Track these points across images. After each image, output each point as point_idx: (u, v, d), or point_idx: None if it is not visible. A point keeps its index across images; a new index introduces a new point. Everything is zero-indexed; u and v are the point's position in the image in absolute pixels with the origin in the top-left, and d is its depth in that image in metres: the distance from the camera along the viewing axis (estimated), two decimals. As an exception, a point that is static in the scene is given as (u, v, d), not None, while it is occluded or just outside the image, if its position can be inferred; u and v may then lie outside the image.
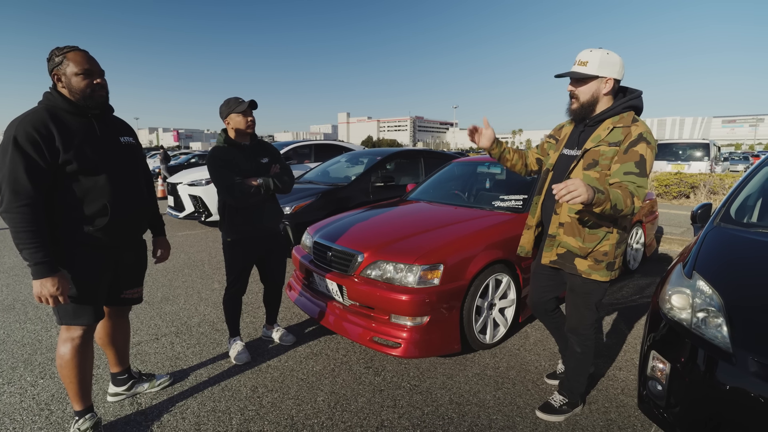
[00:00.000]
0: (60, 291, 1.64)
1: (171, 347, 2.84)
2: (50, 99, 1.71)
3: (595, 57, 1.76)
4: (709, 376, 1.58)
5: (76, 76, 1.69)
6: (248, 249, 2.58)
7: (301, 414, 2.12)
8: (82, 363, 1.84)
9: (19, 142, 1.57)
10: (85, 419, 1.88)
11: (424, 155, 6.31)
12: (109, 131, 1.86)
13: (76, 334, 1.80)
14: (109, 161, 1.80)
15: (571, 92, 1.85)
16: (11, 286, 4.11)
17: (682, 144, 12.29)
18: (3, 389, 2.33)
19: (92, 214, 1.74)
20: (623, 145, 1.76)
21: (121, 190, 1.83)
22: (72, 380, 1.83)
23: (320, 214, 4.55)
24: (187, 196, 6.91)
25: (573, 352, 2.04)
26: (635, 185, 1.70)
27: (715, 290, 1.75)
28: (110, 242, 1.84)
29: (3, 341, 2.92)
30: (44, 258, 1.60)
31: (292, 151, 8.40)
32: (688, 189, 9.28)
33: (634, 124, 1.78)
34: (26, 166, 1.57)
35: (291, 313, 3.42)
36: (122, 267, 1.97)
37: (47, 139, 1.61)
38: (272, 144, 3.11)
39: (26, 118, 1.62)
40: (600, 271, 1.87)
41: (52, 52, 1.71)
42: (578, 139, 1.91)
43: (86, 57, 1.73)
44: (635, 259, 4.49)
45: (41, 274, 1.61)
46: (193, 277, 4.43)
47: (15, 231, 1.58)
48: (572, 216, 1.86)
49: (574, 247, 1.88)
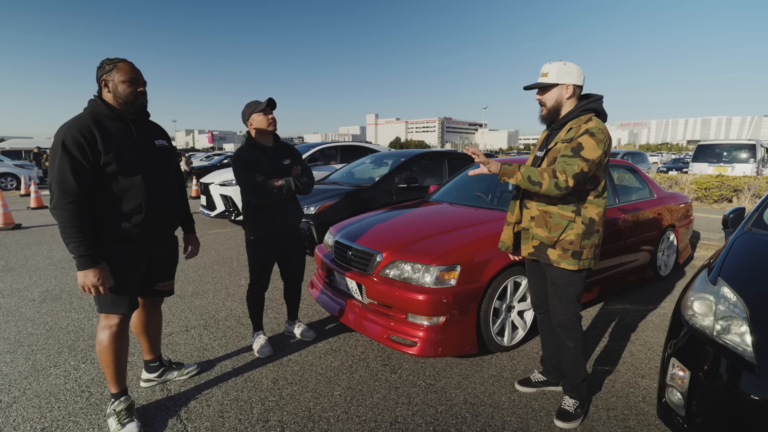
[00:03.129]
0: (101, 281, 1.80)
1: (199, 339, 2.99)
2: (94, 106, 1.88)
3: (554, 68, 1.97)
4: (731, 387, 1.53)
5: (122, 84, 1.87)
6: (269, 247, 2.68)
7: (318, 407, 2.19)
8: (118, 349, 1.99)
9: (66, 146, 1.73)
10: (120, 401, 2.03)
11: (448, 156, 6.30)
12: (146, 135, 2.01)
13: (113, 321, 1.96)
14: (145, 163, 1.94)
15: (539, 101, 2.05)
16: (59, 278, 4.43)
17: (725, 145, 11.64)
18: (50, 371, 2.54)
19: (129, 211, 1.88)
20: (573, 141, 1.93)
21: (155, 189, 1.97)
22: (109, 364, 1.98)
23: (344, 215, 4.64)
24: (219, 195, 7.20)
25: (566, 348, 2.09)
26: (564, 163, 1.86)
27: (740, 297, 1.69)
28: (144, 238, 1.97)
29: (51, 328, 3.17)
30: (87, 251, 1.76)
31: (319, 153, 8.57)
32: (731, 192, 8.79)
33: (587, 123, 1.93)
34: (72, 167, 1.73)
35: (312, 310, 3.52)
36: (155, 261, 2.12)
37: (91, 143, 1.77)
38: (300, 145, 3.21)
39: (73, 123, 1.79)
40: (567, 259, 1.97)
41: (103, 62, 1.90)
42: (546, 141, 2.10)
43: (133, 68, 1.91)
44: (666, 264, 4.33)
45: (84, 266, 1.77)
46: (221, 273, 4.63)
47: (62, 226, 1.74)
48: (540, 209, 2.03)
49: (542, 238, 2.03)
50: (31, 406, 2.19)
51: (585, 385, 2.11)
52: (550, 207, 2.00)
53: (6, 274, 4.56)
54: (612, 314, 3.44)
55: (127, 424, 1.96)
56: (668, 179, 9.94)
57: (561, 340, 2.11)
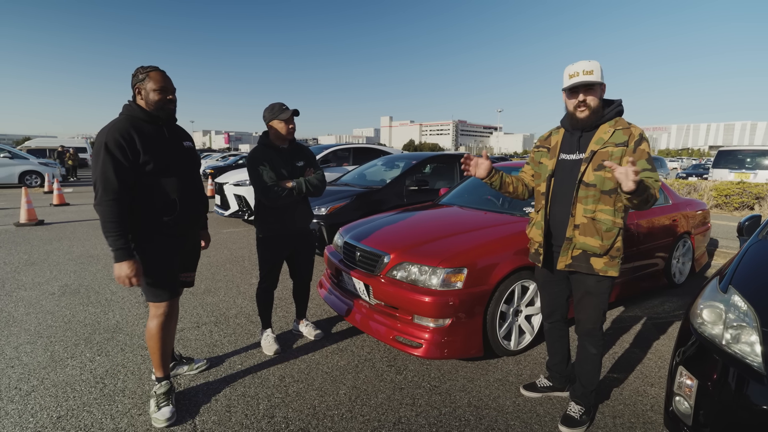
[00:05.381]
0: (134, 273, 1.93)
1: (210, 335, 3.06)
2: (130, 110, 2.01)
3: (596, 65, 1.88)
4: (740, 397, 1.50)
5: (153, 92, 2.00)
6: (278, 246, 2.73)
7: (323, 405, 2.22)
8: (165, 336, 2.13)
9: (109, 147, 1.86)
10: (161, 385, 2.17)
11: (459, 159, 6.29)
12: (175, 136, 2.16)
13: (160, 310, 2.10)
14: (177, 162, 2.09)
15: (582, 101, 1.90)
16: (78, 273, 4.58)
17: (748, 151, 11.31)
18: (66, 362, 2.63)
19: (165, 206, 2.03)
20: (630, 144, 1.87)
21: (186, 187, 2.12)
22: (156, 351, 2.13)
23: (354, 216, 4.67)
24: (232, 195, 7.32)
25: (588, 355, 2.05)
26: (653, 179, 1.80)
27: (751, 306, 1.66)
28: (178, 231, 2.12)
29: (68, 320, 3.28)
30: (124, 245, 1.89)
31: (331, 154, 8.65)
32: (753, 200, 8.54)
33: (632, 126, 1.91)
34: (114, 167, 1.86)
35: (321, 309, 3.56)
36: (183, 253, 2.24)
37: (130, 144, 1.91)
38: (313, 147, 3.28)
39: (114, 126, 1.92)
40: (614, 267, 1.93)
41: (137, 70, 2.03)
42: (578, 143, 1.98)
43: (164, 77, 2.04)
44: (681, 272, 4.24)
45: (120, 258, 1.89)
46: (233, 271, 4.71)
47: (103, 221, 1.87)
48: (588, 216, 1.92)
49: (593, 247, 1.91)
50: (48, 395, 2.27)
51: (594, 394, 2.09)
52: (600, 214, 1.89)
53: (28, 268, 4.72)
54: (624, 321, 3.39)
55: (163, 408, 2.09)
56: (687, 185, 9.72)
57: (583, 348, 2.07)
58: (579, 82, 1.86)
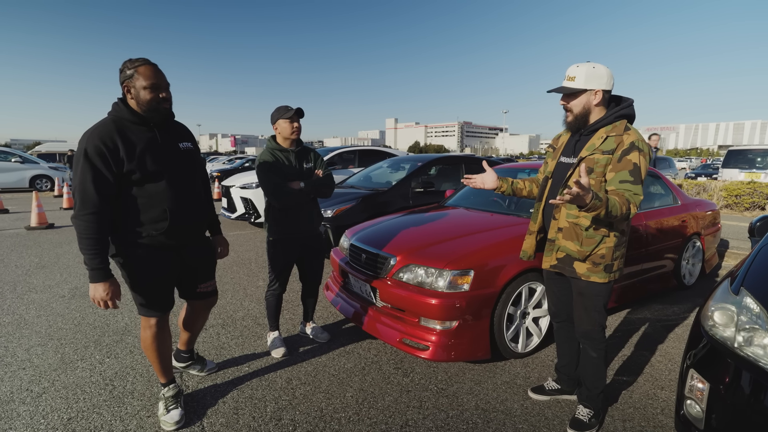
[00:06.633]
0: (109, 296, 1.78)
1: (217, 338, 3.07)
2: (117, 110, 1.82)
3: (582, 71, 1.83)
4: (753, 401, 1.48)
5: (144, 90, 1.79)
6: (288, 248, 2.75)
7: (330, 407, 2.22)
8: (159, 346, 2.06)
9: (89, 155, 1.70)
10: (168, 388, 2.14)
11: (465, 161, 6.28)
12: (170, 138, 1.95)
13: (151, 322, 2.01)
14: (170, 168, 1.89)
15: (563, 106, 1.92)
16: (87, 276, 4.62)
17: (758, 150, 11.15)
18: (76, 364, 2.65)
19: (154, 218, 1.86)
20: (616, 153, 1.82)
21: (180, 195, 1.92)
22: (154, 359, 2.08)
23: (360, 218, 4.68)
24: (239, 198, 7.36)
25: (589, 359, 2.03)
26: (631, 193, 1.77)
27: (763, 308, 1.63)
28: (172, 243, 1.96)
29: (78, 323, 3.32)
30: (100, 264, 1.74)
31: (337, 156, 8.67)
32: (764, 200, 8.43)
33: (626, 132, 1.84)
34: (94, 177, 1.70)
35: (328, 312, 3.57)
36: (193, 264, 2.11)
37: (113, 152, 1.73)
38: (319, 149, 3.29)
39: (95, 131, 1.74)
40: (598, 273, 1.91)
41: (124, 64, 1.80)
42: (574, 147, 1.98)
43: (155, 71, 1.82)
44: (691, 274, 4.19)
45: (95, 279, 1.76)
46: (240, 274, 4.74)
47: (79, 237, 1.73)
48: (570, 221, 1.92)
49: (572, 251, 1.92)
50: (59, 396, 2.30)
51: (602, 396, 2.07)
52: (582, 220, 1.88)
53: (39, 271, 4.79)
54: (633, 323, 3.36)
55: (171, 411, 2.08)
56: (696, 185, 9.61)
57: (584, 351, 2.06)
58: (554, 89, 1.90)
